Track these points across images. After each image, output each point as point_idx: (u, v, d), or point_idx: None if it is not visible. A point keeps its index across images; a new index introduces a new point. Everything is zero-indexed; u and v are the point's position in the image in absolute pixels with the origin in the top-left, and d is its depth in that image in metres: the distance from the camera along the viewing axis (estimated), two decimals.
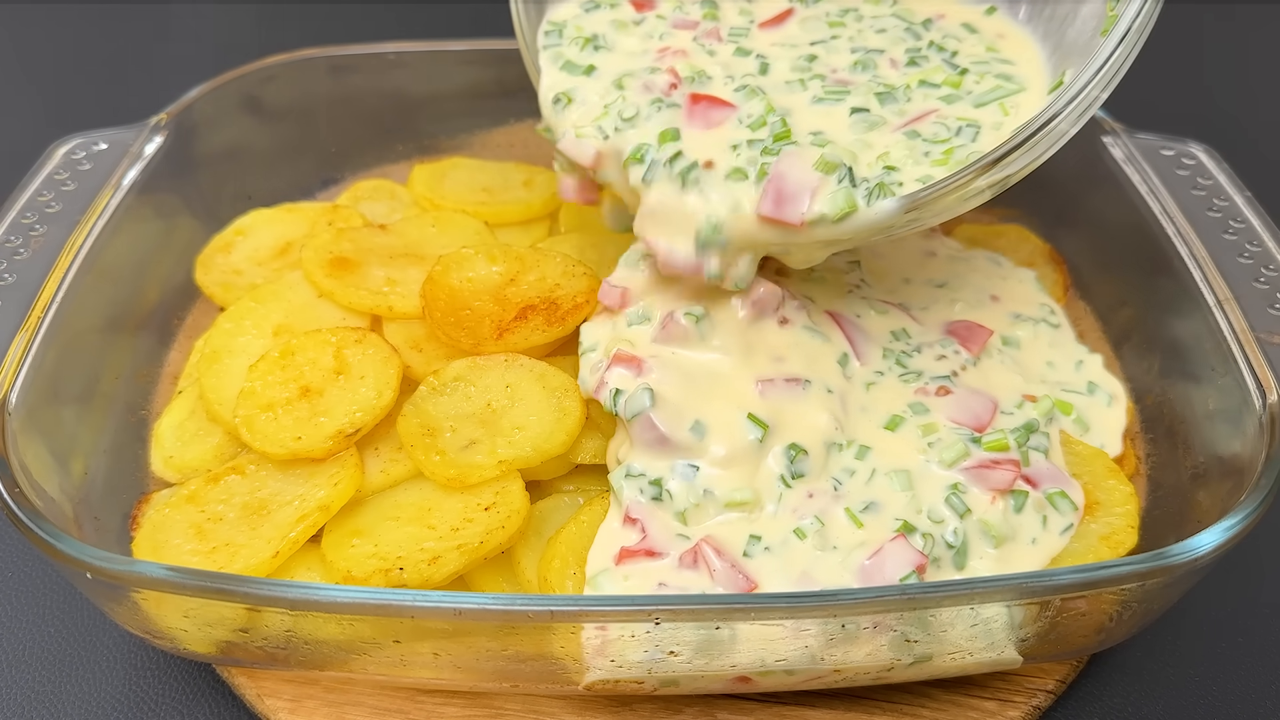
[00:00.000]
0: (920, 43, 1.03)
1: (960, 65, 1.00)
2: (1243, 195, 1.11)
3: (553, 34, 1.07)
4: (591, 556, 0.90)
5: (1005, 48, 1.03)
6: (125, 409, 1.09)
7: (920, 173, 0.91)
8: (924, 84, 0.98)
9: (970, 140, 0.93)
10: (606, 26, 1.07)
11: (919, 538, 0.89)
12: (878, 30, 1.05)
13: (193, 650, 0.88)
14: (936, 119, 0.95)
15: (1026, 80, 0.99)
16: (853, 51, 1.02)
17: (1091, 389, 1.09)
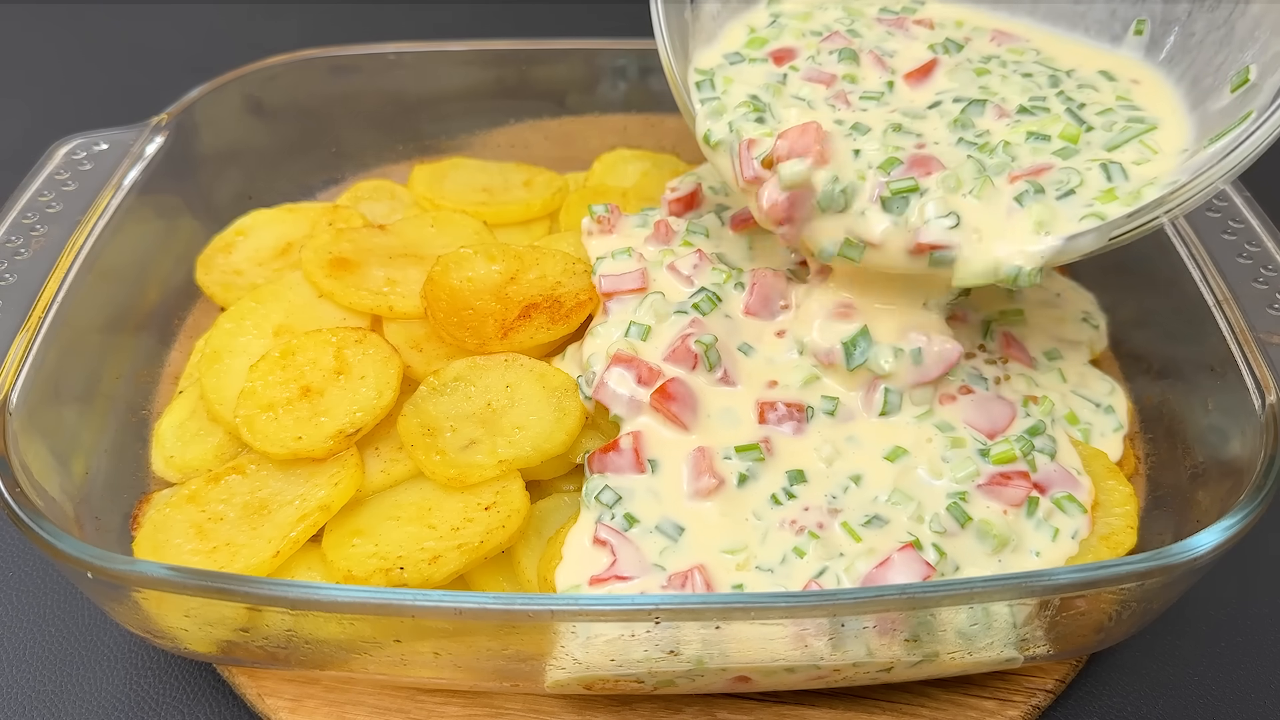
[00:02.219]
0: (1049, 92, 1.04)
1: (1085, 119, 1.00)
2: (1242, 195, 1.11)
3: (705, 85, 1.08)
4: (560, 574, 0.90)
5: (1138, 94, 1.03)
6: (126, 409, 1.09)
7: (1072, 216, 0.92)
8: (1034, 136, 0.98)
9: (1123, 179, 0.94)
10: (760, 89, 1.06)
11: (930, 550, 0.89)
12: (1020, 77, 1.06)
13: (193, 650, 0.88)
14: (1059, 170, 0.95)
15: (1159, 119, 0.99)
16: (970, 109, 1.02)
17: (1091, 390, 1.09)
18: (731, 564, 0.89)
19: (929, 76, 1.05)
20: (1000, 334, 1.10)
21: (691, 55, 1.13)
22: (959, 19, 1.15)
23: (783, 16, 1.17)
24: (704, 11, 1.16)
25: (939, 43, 1.10)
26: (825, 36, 1.11)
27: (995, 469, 0.94)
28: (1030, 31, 1.13)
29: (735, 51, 1.12)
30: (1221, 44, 0.98)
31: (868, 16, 1.16)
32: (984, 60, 1.08)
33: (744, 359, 1.03)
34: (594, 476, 0.96)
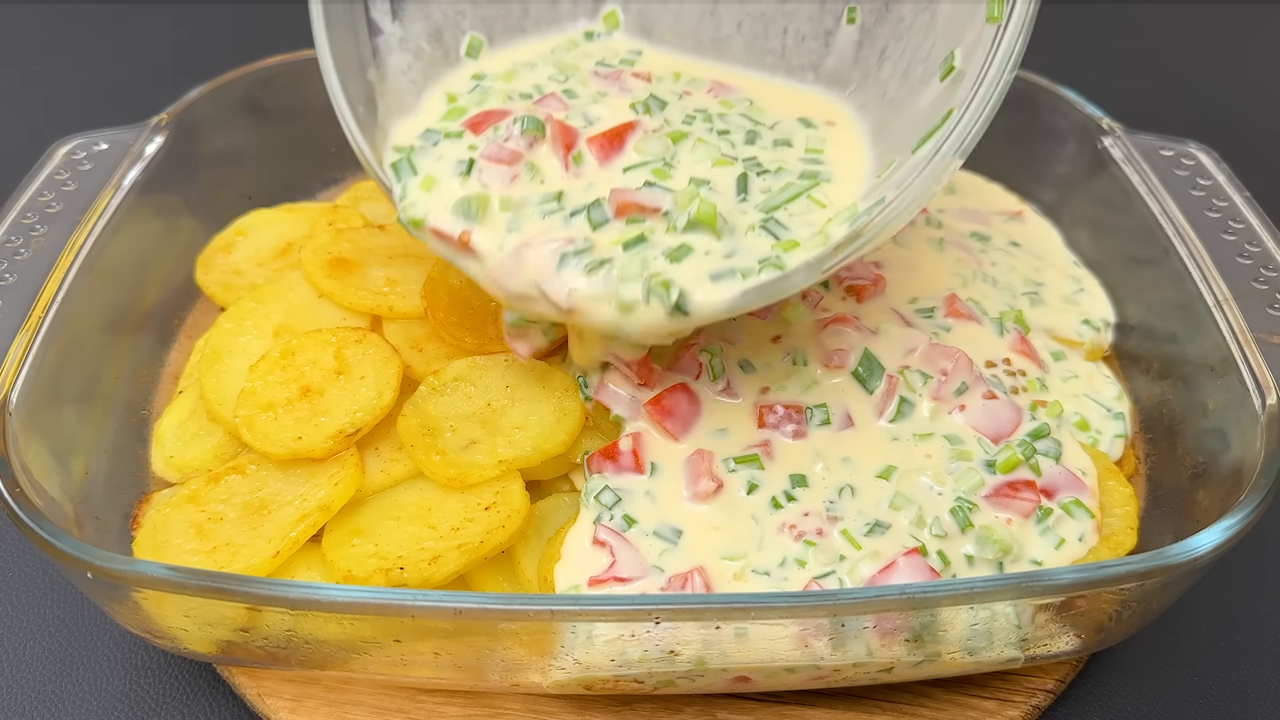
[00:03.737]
0: (741, 152, 1.00)
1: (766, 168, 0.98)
2: (1242, 195, 1.11)
3: (403, 167, 0.97)
4: (559, 573, 0.90)
5: (831, 138, 1.02)
6: (126, 409, 1.09)
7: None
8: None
9: (789, 231, 0.92)
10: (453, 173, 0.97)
11: (935, 557, 0.89)
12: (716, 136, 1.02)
13: (193, 650, 0.88)
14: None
15: (834, 173, 0.98)
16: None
17: (1092, 390, 1.09)
18: (731, 570, 0.89)
19: (620, 148, 0.98)
20: (1015, 332, 1.09)
21: (388, 127, 1.02)
22: (678, 70, 1.10)
23: (486, 79, 1.08)
24: (390, 68, 1.05)
25: (641, 101, 1.03)
26: (538, 99, 1.03)
27: (1002, 479, 0.94)
28: (745, 80, 1.10)
29: (432, 129, 1.01)
30: (925, 31, 0.97)
31: (583, 71, 1.08)
32: (687, 120, 1.02)
33: (743, 374, 1.02)
34: (594, 477, 0.96)
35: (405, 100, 1.04)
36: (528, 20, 1.13)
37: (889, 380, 1.00)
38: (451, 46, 1.09)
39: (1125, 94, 1.54)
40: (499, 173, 0.94)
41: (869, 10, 1.02)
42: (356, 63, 1.02)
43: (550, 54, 1.11)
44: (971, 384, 1.00)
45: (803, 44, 1.07)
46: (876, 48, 1.02)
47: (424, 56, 1.07)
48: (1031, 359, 1.07)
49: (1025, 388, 1.04)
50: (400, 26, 1.06)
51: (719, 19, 1.11)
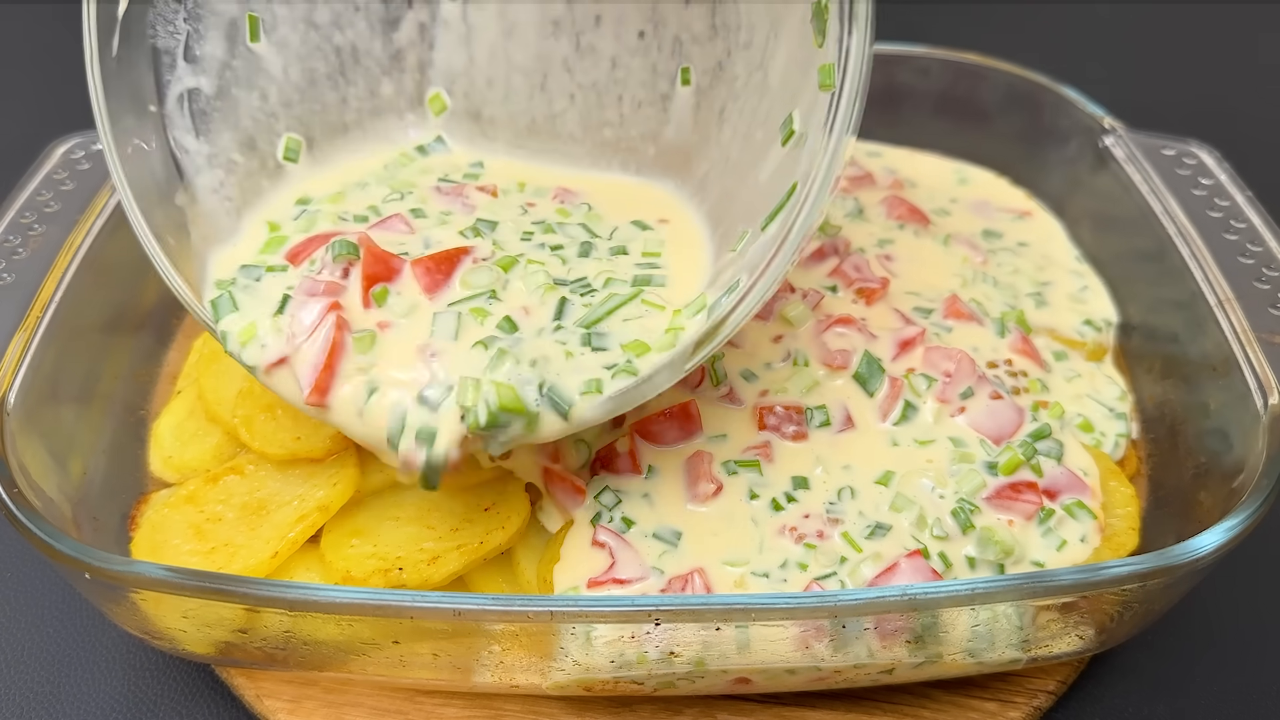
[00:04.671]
0: (574, 265, 0.95)
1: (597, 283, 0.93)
2: (1244, 195, 1.11)
3: (224, 303, 0.89)
4: (558, 574, 0.90)
5: (669, 235, 0.98)
6: (124, 409, 1.09)
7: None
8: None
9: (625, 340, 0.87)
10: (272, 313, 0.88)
11: (937, 559, 0.89)
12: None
13: (192, 651, 0.88)
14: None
15: (670, 276, 0.93)
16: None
17: (1094, 390, 1.09)
18: (731, 572, 0.89)
19: (448, 279, 0.89)
20: (1016, 332, 1.09)
21: (205, 256, 0.93)
22: (522, 180, 1.04)
23: (313, 203, 0.98)
24: (200, 188, 0.95)
25: (470, 226, 0.95)
26: (377, 221, 0.95)
27: (1003, 480, 0.94)
28: (586, 182, 1.04)
29: (250, 264, 0.92)
30: (760, 93, 0.93)
31: (421, 189, 1.00)
32: (524, 236, 0.96)
33: (744, 377, 1.02)
34: (593, 478, 0.95)
35: (222, 223, 0.96)
36: (348, 113, 1.05)
37: (893, 384, 1.00)
38: (268, 153, 1.00)
39: (1127, 93, 1.53)
40: (314, 308, 0.85)
41: (702, 72, 0.98)
42: (160, 189, 0.93)
43: (383, 170, 1.04)
44: (975, 385, 1.00)
45: (640, 111, 1.03)
46: (714, 109, 0.98)
47: (237, 170, 0.98)
48: (1033, 359, 1.07)
49: (1026, 388, 1.04)
50: (206, 142, 0.96)
51: (550, 94, 1.05)
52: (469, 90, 1.08)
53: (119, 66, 0.90)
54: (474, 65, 1.06)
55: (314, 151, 1.03)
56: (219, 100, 0.97)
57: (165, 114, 0.94)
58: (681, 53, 0.99)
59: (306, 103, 1.02)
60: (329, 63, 1.03)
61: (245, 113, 0.99)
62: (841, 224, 1.22)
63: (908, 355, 1.03)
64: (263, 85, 1.00)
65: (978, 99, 1.41)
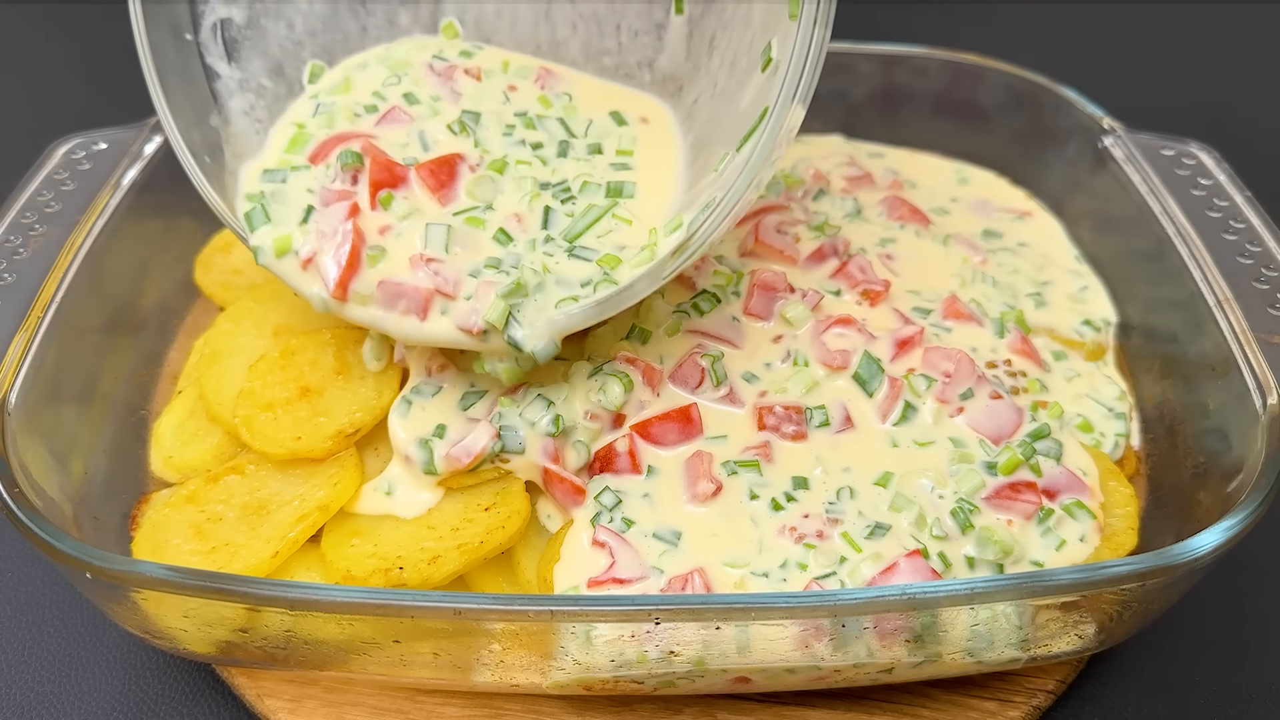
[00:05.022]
0: (554, 166, 1.03)
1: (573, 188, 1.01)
2: (1243, 195, 1.11)
3: (256, 214, 0.96)
4: (558, 574, 0.90)
5: (644, 135, 1.05)
6: (125, 409, 1.09)
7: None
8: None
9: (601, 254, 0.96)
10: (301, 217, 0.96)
11: (936, 559, 0.89)
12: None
13: (192, 650, 0.88)
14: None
15: (638, 184, 1.01)
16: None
17: (1094, 390, 1.09)
18: (731, 572, 0.89)
19: (452, 186, 0.98)
20: (1015, 333, 1.09)
21: (237, 172, 1.00)
22: (506, 60, 1.12)
23: (322, 95, 1.06)
24: (233, 111, 1.04)
25: (455, 120, 1.03)
26: (380, 117, 1.03)
27: (1003, 480, 0.94)
28: (570, 73, 1.12)
29: (274, 168, 1.00)
30: (745, 22, 0.98)
31: (416, 67, 1.08)
32: (506, 130, 1.03)
33: (744, 378, 1.02)
34: (594, 478, 0.96)
35: (252, 141, 1.03)
36: (367, 40, 1.12)
37: (892, 384, 1.00)
38: (294, 79, 1.08)
39: (1126, 93, 1.53)
40: (336, 213, 0.94)
41: (695, 2, 1.04)
42: (196, 111, 1.01)
43: (381, 50, 1.11)
44: (975, 386, 1.00)
45: (636, 40, 1.09)
46: (705, 37, 1.04)
47: (266, 94, 1.06)
48: (1032, 359, 1.07)
49: (1026, 388, 1.04)
50: (238, 68, 1.04)
51: (553, 22, 1.12)
52: (479, 19, 1.14)
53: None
54: None
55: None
56: (249, 29, 1.05)
57: (200, 42, 1.02)
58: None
59: (329, 32, 1.09)
60: None
61: (274, 41, 1.07)
62: (841, 224, 1.22)
63: (907, 355, 1.03)
64: (289, 15, 1.07)
65: (977, 99, 1.41)
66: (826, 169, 1.33)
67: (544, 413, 0.95)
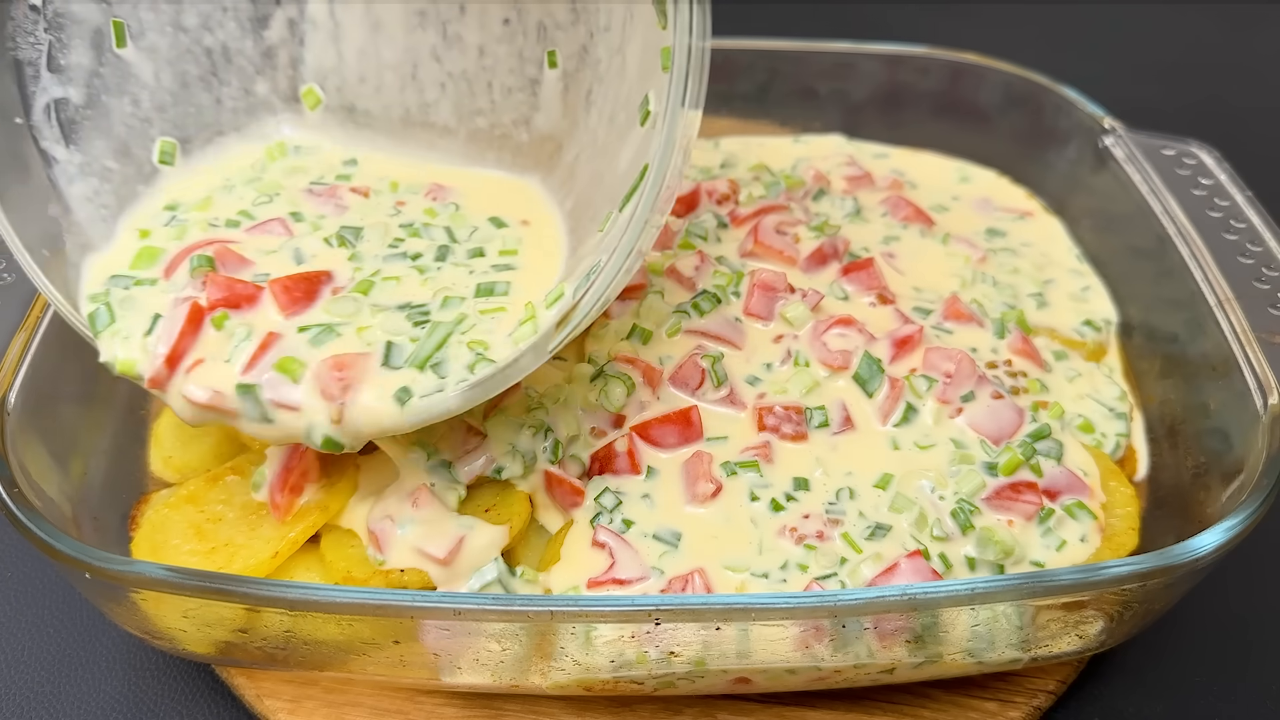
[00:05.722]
0: (431, 275, 0.95)
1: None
2: (1244, 195, 1.11)
3: (101, 314, 0.88)
4: (558, 574, 0.90)
5: (527, 237, 0.99)
6: (124, 409, 1.09)
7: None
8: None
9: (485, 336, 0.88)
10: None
11: (937, 560, 0.89)
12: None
13: (192, 650, 0.88)
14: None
15: (521, 272, 0.94)
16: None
17: (1094, 390, 1.09)
18: (731, 574, 0.89)
19: (311, 303, 0.89)
20: (1016, 333, 1.09)
21: (80, 265, 0.91)
22: (395, 180, 1.04)
23: (181, 209, 0.97)
24: (74, 198, 0.93)
25: (334, 234, 0.96)
26: (255, 224, 0.96)
27: (1003, 480, 0.94)
28: (459, 177, 1.05)
29: (122, 274, 0.90)
30: (620, 76, 0.93)
31: (291, 190, 1.01)
32: (393, 244, 0.96)
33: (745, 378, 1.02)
34: (594, 478, 0.95)
35: (98, 229, 0.94)
36: (223, 114, 1.04)
37: (893, 385, 1.00)
38: (143, 158, 0.99)
39: (1126, 93, 1.53)
40: (176, 321, 0.86)
41: (567, 56, 0.99)
42: (33, 200, 0.90)
43: (249, 169, 1.03)
44: (976, 386, 1.00)
45: (510, 98, 1.04)
46: (581, 92, 0.99)
47: (112, 177, 0.96)
48: (1033, 360, 1.07)
49: (1026, 389, 1.04)
50: (78, 151, 0.94)
51: (421, 83, 1.05)
52: (341, 85, 1.08)
53: None
54: (344, 62, 1.07)
55: (190, 153, 1.02)
56: (89, 109, 0.95)
57: (32, 125, 0.91)
58: (546, 38, 1.00)
59: (180, 105, 1.01)
60: (200, 65, 1.02)
61: (118, 119, 0.97)
62: (841, 224, 1.22)
63: (907, 355, 1.03)
64: (134, 91, 0.98)
65: (978, 99, 1.41)
66: (826, 169, 1.33)
67: (543, 441, 0.95)
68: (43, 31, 0.91)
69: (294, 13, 1.05)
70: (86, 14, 0.93)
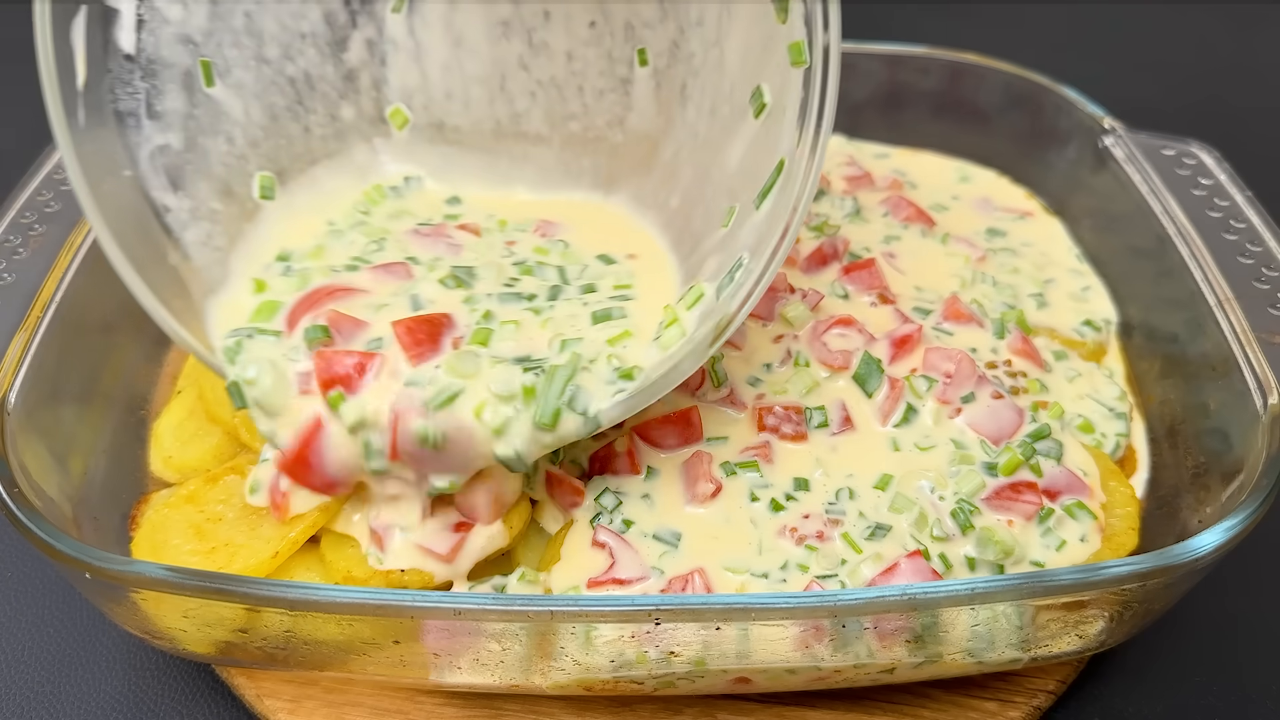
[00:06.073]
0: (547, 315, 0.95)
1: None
2: (1243, 195, 1.11)
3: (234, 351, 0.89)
4: (558, 574, 0.90)
5: (637, 269, 0.99)
6: (124, 409, 1.09)
7: None
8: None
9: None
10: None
11: (937, 560, 0.89)
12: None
13: (192, 650, 0.88)
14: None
15: (640, 293, 0.96)
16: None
17: (1094, 390, 1.09)
18: (732, 575, 0.89)
19: (436, 348, 0.88)
20: (1016, 333, 1.09)
21: (204, 309, 0.92)
22: (502, 218, 1.05)
23: (294, 258, 0.98)
24: (190, 243, 0.94)
25: (449, 276, 0.95)
26: (376, 266, 0.96)
27: (1003, 481, 0.94)
28: (564, 211, 1.06)
29: (244, 328, 0.91)
30: (718, 69, 0.94)
31: (397, 234, 1.01)
32: (507, 284, 0.96)
33: (745, 378, 1.02)
34: (594, 478, 0.95)
35: (215, 274, 0.95)
36: (313, 142, 1.05)
37: (893, 385, 1.00)
38: (245, 195, 1.00)
39: (1126, 93, 1.54)
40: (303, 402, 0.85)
41: (658, 53, 0.99)
42: (154, 250, 0.91)
43: (354, 212, 1.04)
44: (976, 387, 1.00)
45: (602, 100, 1.04)
46: (675, 88, 0.99)
47: (219, 218, 0.97)
48: (1032, 360, 1.07)
49: (1026, 389, 1.04)
50: (186, 196, 0.95)
51: (510, 94, 1.06)
52: (428, 103, 1.08)
53: (88, 138, 0.88)
54: (429, 79, 1.07)
55: (288, 186, 1.03)
56: (189, 152, 0.96)
57: (141, 175, 0.92)
58: (634, 36, 1.00)
59: (272, 139, 1.02)
60: (286, 95, 1.02)
61: (216, 159, 0.98)
62: (841, 224, 1.22)
63: (906, 355, 1.03)
64: (227, 129, 0.99)
65: (978, 99, 1.41)
66: (826, 169, 1.33)
67: None
68: (139, 79, 0.92)
69: (372, 33, 1.05)
70: (176, 57, 0.95)
